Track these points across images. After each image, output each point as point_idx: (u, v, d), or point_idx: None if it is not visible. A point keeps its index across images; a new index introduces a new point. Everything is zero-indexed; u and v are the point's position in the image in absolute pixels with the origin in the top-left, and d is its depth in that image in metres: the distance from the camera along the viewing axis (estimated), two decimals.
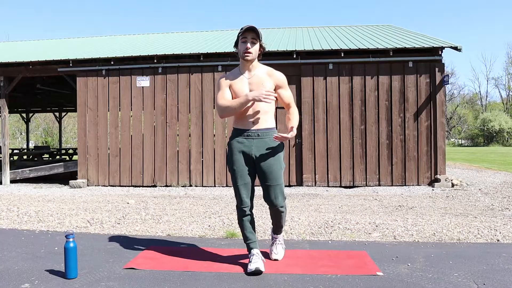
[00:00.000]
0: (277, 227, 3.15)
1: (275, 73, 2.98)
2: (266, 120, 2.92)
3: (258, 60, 2.99)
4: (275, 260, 3.12)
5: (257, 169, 2.93)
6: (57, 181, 10.10)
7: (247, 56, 2.86)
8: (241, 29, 2.86)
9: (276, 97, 2.91)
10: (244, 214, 2.95)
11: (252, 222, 3.01)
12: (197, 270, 2.89)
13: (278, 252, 3.17)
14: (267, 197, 2.94)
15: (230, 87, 2.94)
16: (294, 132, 2.83)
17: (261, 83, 2.90)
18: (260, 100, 2.76)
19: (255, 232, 3.04)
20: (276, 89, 2.97)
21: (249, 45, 2.85)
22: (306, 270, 2.90)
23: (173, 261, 3.11)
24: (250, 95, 2.80)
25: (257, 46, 2.89)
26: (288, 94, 3.02)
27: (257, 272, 2.78)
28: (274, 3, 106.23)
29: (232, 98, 2.93)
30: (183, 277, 2.77)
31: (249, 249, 2.97)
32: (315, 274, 2.81)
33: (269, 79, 2.94)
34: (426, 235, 3.94)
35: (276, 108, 3.12)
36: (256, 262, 2.82)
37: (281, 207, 2.95)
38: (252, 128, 2.89)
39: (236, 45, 2.95)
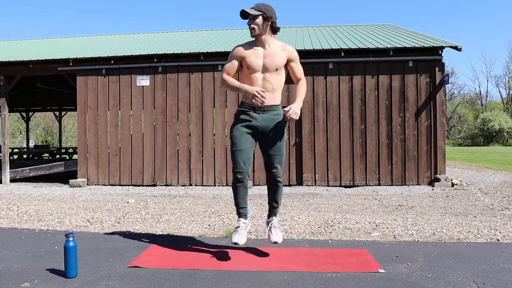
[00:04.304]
0: (272, 205, 3.24)
1: (287, 47, 3.18)
2: (273, 97, 3.12)
3: (274, 34, 3.16)
4: (275, 242, 3.12)
5: (263, 140, 3.15)
6: (57, 180, 10.10)
7: (252, 32, 3.08)
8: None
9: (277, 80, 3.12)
10: (238, 179, 3.10)
11: (245, 189, 3.16)
12: (199, 269, 2.89)
13: (277, 233, 3.17)
14: (269, 166, 3.15)
15: (243, 58, 3.11)
16: (296, 113, 3.00)
17: (275, 56, 3.09)
18: (250, 97, 3.01)
19: (247, 201, 3.22)
20: (288, 62, 3.17)
21: (251, 25, 3.07)
22: (308, 267, 2.90)
23: (176, 260, 3.11)
24: (245, 88, 3.04)
25: (259, 20, 3.05)
26: (298, 68, 3.23)
27: (236, 244, 3.02)
28: (274, 3, 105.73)
29: (243, 69, 3.14)
30: (183, 276, 2.77)
31: (239, 215, 3.18)
32: (315, 272, 2.80)
33: (282, 53, 3.13)
34: (426, 235, 3.94)
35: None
36: (240, 234, 3.06)
37: (279, 176, 3.16)
38: (260, 104, 3.06)
39: None
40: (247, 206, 3.22)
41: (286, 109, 3.01)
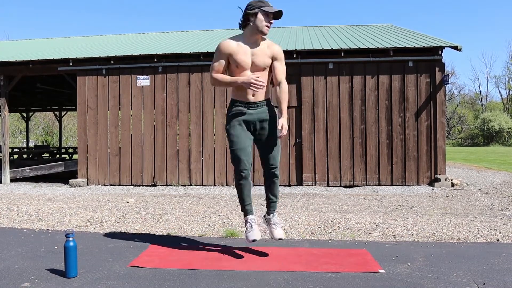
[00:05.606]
0: (272, 199, 3.20)
1: (273, 45, 3.13)
2: (263, 92, 3.10)
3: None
4: (279, 239, 3.16)
5: (259, 135, 3.12)
6: (57, 180, 10.10)
7: (267, 31, 3.02)
8: (268, 4, 2.99)
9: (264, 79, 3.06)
10: (242, 177, 3.06)
11: (250, 186, 3.13)
12: (199, 269, 2.89)
13: (280, 229, 3.19)
14: (267, 160, 3.11)
15: (230, 55, 3.01)
16: (287, 128, 2.98)
17: (263, 54, 3.04)
18: (248, 87, 2.91)
19: (251, 197, 3.19)
20: (272, 60, 3.10)
21: (271, 23, 3.02)
22: (308, 267, 2.90)
23: (176, 260, 3.11)
24: (240, 80, 2.94)
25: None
26: (282, 69, 3.12)
27: (254, 241, 3.03)
28: (274, 3, 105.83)
29: (231, 67, 3.06)
30: (183, 276, 2.77)
31: (246, 213, 3.14)
32: (315, 272, 2.80)
33: (268, 50, 3.08)
34: (426, 235, 3.94)
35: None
36: (254, 230, 3.06)
37: (277, 168, 3.13)
38: (252, 101, 3.06)
39: (249, 15, 2.99)
40: (252, 202, 3.20)
41: (278, 127, 2.96)
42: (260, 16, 2.97)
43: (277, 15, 3.02)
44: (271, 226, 3.20)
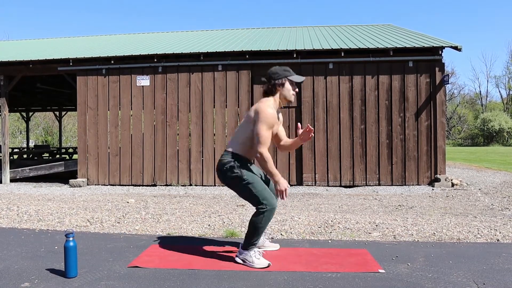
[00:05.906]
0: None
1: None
2: None
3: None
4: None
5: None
6: (57, 180, 10.10)
7: (293, 99, 3.12)
8: (292, 72, 3.08)
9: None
10: (274, 212, 2.99)
11: None
12: (199, 269, 2.89)
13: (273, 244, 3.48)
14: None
15: (273, 126, 2.98)
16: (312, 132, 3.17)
17: (281, 121, 3.23)
18: (277, 189, 2.90)
19: None
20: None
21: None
22: (308, 267, 2.90)
23: (176, 260, 3.12)
24: (277, 179, 2.90)
25: None
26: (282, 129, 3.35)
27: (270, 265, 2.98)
28: (274, 2, 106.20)
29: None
30: (183, 276, 2.77)
31: (254, 246, 3.01)
32: (315, 272, 2.80)
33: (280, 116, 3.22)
34: (426, 235, 3.94)
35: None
36: (262, 257, 3.03)
37: None
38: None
39: (277, 84, 3.02)
40: None
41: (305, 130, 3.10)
42: (287, 86, 3.04)
43: (300, 83, 3.12)
44: (268, 246, 3.41)
